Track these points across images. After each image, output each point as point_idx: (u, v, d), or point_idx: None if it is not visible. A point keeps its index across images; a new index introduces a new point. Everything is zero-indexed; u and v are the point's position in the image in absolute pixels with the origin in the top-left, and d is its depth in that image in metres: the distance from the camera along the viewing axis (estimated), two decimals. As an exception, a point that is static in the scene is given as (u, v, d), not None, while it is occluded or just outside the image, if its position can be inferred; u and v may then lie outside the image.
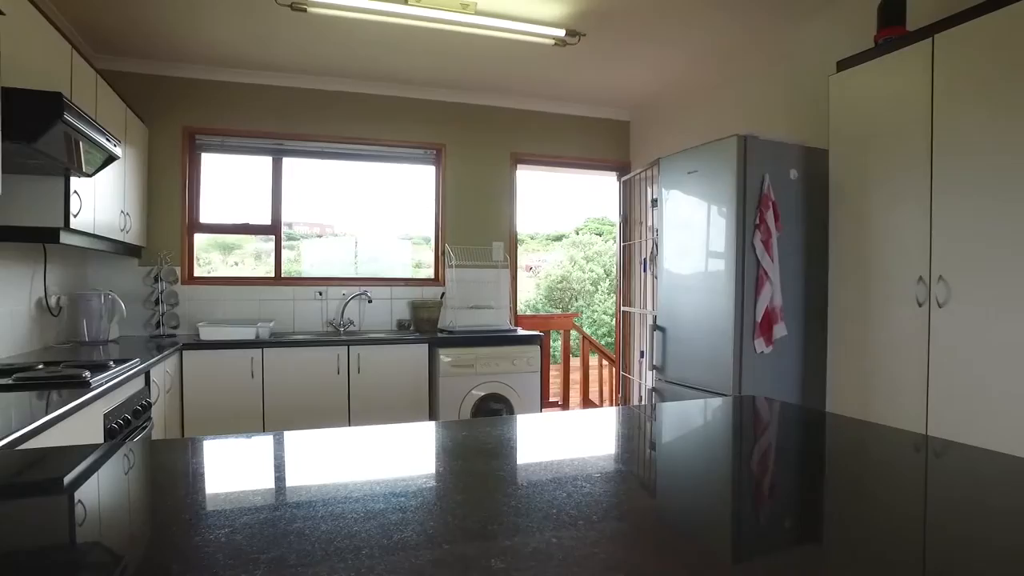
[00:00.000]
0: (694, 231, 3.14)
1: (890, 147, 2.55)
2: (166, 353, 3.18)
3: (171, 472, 1.20)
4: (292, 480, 1.14)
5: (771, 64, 3.75)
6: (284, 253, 4.60)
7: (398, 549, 0.80)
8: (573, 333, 5.70)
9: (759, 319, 2.79)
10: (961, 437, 2.18)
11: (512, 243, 5.01)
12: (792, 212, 2.94)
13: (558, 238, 13.59)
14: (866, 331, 2.65)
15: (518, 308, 5.02)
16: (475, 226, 4.88)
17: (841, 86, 2.79)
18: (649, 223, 4.45)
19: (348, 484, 1.10)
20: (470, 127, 4.86)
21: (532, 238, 13.93)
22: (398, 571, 0.74)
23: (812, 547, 0.93)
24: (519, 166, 5.02)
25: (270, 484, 1.12)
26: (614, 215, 5.13)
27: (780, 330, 2.82)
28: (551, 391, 5.69)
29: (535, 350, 4.23)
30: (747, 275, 2.83)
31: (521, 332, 4.38)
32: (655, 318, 3.48)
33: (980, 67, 2.23)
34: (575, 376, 5.78)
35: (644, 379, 4.28)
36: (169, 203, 4.26)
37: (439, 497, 1.02)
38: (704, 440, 1.55)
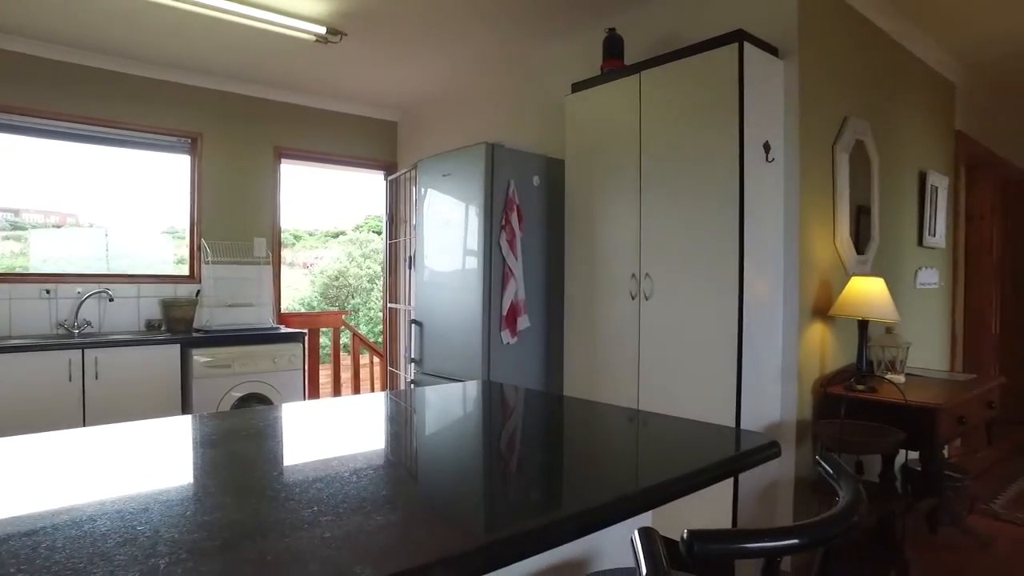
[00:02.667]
0: (448, 231, 3.35)
1: (611, 161, 2.97)
2: None
3: None
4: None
5: (520, 81, 4.12)
6: (1, 245, 3.95)
7: (85, 537, 0.82)
8: (344, 330, 5.68)
9: (505, 312, 3.08)
10: (661, 406, 2.64)
11: (276, 239, 4.84)
12: (535, 215, 3.28)
13: (336, 235, 13.27)
14: (593, 321, 3.06)
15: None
16: (235, 221, 4.63)
17: (574, 105, 3.18)
18: (414, 222, 4.62)
19: (44, 483, 1.06)
20: (229, 117, 4.60)
21: (311, 235, 13.43)
22: (79, 555, 0.76)
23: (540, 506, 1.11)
24: (283, 160, 4.87)
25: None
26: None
27: (524, 322, 3.14)
28: (322, 390, 5.61)
29: (298, 348, 4.17)
30: (494, 272, 3.10)
31: (283, 330, 4.28)
32: (413, 312, 3.64)
33: (667, 101, 2.72)
34: (347, 375, 5.76)
35: (408, 373, 4.43)
36: None
37: (149, 486, 1.03)
38: (394, 424, 1.71)
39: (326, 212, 13.02)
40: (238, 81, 4.56)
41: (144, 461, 1.22)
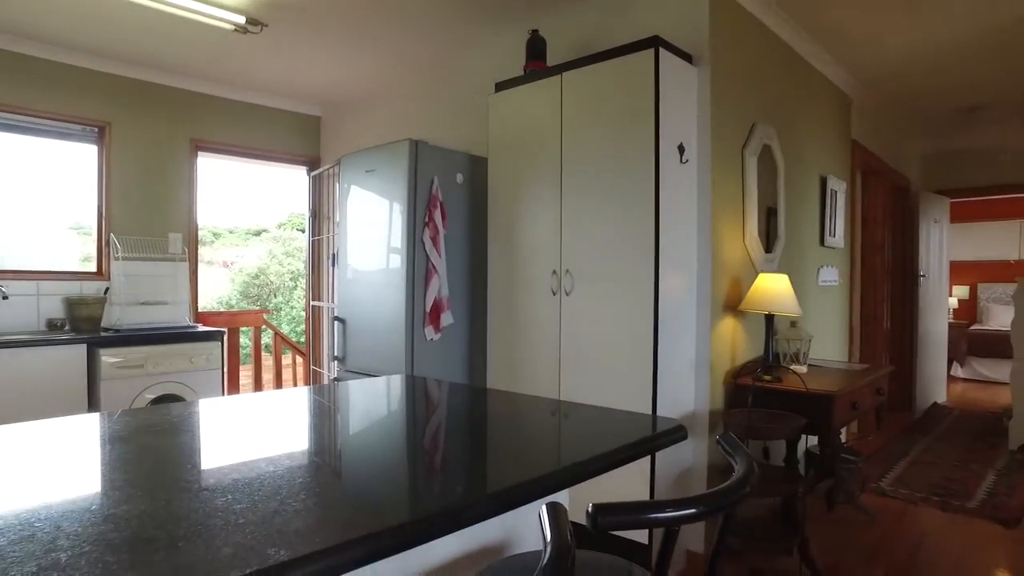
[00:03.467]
0: (371, 227, 3.33)
1: (533, 159, 3.03)
2: None
3: None
4: None
5: (445, 79, 4.13)
6: None
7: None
8: (265, 329, 5.52)
9: (428, 309, 3.09)
10: (582, 398, 2.72)
11: (192, 235, 4.66)
12: (458, 212, 3.31)
13: (258, 233, 12.85)
14: (516, 317, 3.11)
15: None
16: (148, 216, 4.42)
17: (498, 104, 3.22)
18: (337, 219, 4.55)
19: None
20: (141, 106, 4.39)
21: (231, 232, 12.95)
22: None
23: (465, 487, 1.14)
24: (200, 153, 4.69)
25: None
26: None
27: (447, 318, 3.16)
28: (243, 390, 5.43)
29: (216, 347, 4.03)
30: (417, 268, 3.11)
31: (201, 329, 4.13)
32: (336, 309, 3.60)
33: (587, 102, 2.80)
34: (269, 375, 5.61)
35: (331, 371, 4.37)
36: None
37: (49, 484, 1.00)
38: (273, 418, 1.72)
39: (248, 209, 12.60)
40: (151, 68, 4.36)
41: (45, 460, 1.17)
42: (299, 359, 5.59)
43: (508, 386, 3.10)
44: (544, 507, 0.84)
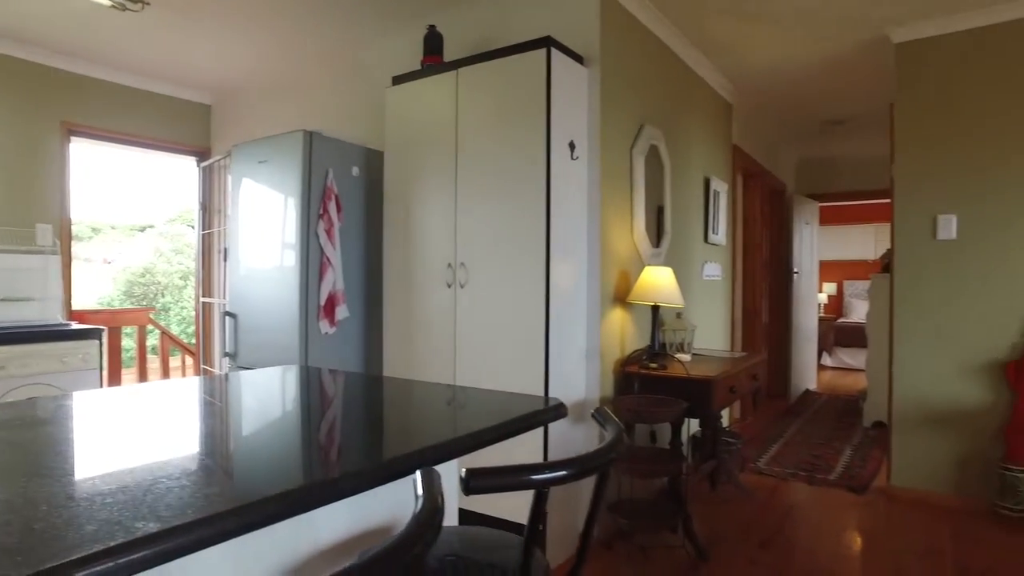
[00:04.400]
0: (264, 220, 3.24)
1: (429, 153, 3.04)
2: None
3: None
4: None
5: (344, 71, 4.08)
6: None
7: None
8: (152, 329, 5.22)
9: (323, 302, 3.04)
10: (477, 385, 2.76)
11: (65, 226, 4.33)
12: (354, 205, 3.28)
13: (144, 229, 12.07)
14: (412, 310, 3.11)
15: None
16: (10, 204, 4.06)
17: (395, 98, 3.21)
18: (229, 212, 4.38)
19: None
20: (1, 82, 4.03)
21: (113, 228, 12.08)
22: None
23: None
24: (74, 138, 4.37)
25: None
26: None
27: (342, 312, 3.13)
28: (123, 394, 5.11)
29: (93, 346, 3.77)
30: (312, 261, 3.05)
31: (74, 327, 3.85)
32: (227, 305, 3.47)
33: (482, 98, 2.85)
34: (155, 378, 5.30)
35: (223, 369, 4.20)
36: None
37: None
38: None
39: (132, 203, 11.80)
40: (10, 41, 3.98)
41: None
42: (189, 360, 5.32)
43: (403, 374, 3.10)
44: (418, 473, 0.88)
